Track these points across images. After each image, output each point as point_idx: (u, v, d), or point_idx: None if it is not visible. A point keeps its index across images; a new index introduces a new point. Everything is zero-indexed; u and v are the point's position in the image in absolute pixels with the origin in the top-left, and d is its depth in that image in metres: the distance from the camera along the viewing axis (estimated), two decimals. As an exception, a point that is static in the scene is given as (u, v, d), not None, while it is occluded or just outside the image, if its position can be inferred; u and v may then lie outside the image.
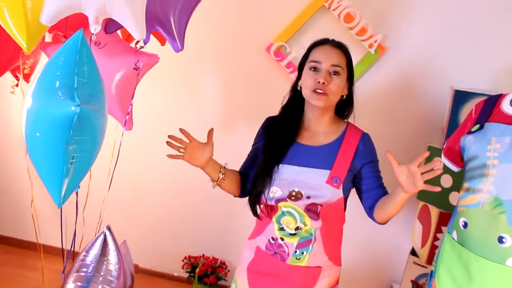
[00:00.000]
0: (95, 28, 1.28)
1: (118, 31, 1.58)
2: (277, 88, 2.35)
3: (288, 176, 1.42)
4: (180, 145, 1.40)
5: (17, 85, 1.76)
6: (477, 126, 1.27)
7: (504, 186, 1.18)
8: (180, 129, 1.42)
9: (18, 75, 1.60)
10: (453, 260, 1.27)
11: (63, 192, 1.45)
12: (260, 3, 2.34)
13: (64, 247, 1.71)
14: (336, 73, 1.41)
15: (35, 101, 1.23)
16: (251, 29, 2.39)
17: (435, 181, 1.96)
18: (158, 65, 1.82)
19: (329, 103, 1.42)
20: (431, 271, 1.39)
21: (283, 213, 1.45)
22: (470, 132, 1.29)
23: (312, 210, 1.42)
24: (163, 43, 1.74)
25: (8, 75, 1.74)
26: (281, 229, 1.46)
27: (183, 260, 2.56)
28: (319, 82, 1.38)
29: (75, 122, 1.25)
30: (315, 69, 1.42)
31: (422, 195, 2.06)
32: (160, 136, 2.47)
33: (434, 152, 2.00)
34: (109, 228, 1.53)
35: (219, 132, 2.51)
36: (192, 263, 2.53)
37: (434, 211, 1.99)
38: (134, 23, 1.24)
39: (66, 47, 1.20)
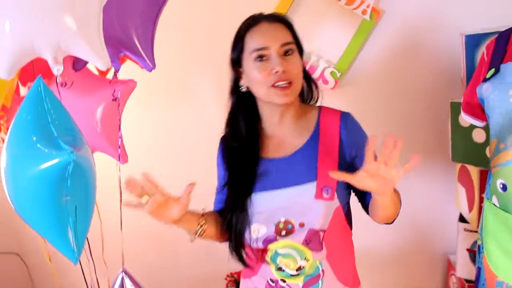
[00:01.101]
0: (57, 69, 1.19)
1: (93, 67, 1.51)
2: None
3: (266, 207, 1.13)
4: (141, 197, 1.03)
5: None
6: (492, 70, 1.09)
7: None
8: (143, 173, 1.04)
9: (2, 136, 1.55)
10: (500, 229, 1.09)
11: (75, 247, 1.38)
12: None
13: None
14: (289, 52, 1.13)
15: (13, 163, 1.15)
16: (237, 24, 2.27)
17: (467, 137, 1.78)
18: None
19: (296, 94, 1.14)
20: (478, 246, 1.22)
21: (277, 253, 1.18)
22: (485, 80, 1.12)
23: (314, 241, 1.14)
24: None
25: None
26: (279, 269, 1.18)
27: (226, 279, 2.47)
28: (276, 72, 1.08)
29: (72, 170, 1.18)
30: (262, 58, 1.11)
31: (456, 156, 1.89)
32: (179, 153, 2.42)
33: (459, 108, 1.82)
34: (124, 271, 1.46)
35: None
36: (235, 280, 2.44)
37: (473, 171, 1.81)
38: (93, 53, 1.15)
39: (29, 99, 1.12)
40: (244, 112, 1.20)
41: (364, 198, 1.20)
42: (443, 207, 2.20)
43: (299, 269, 1.16)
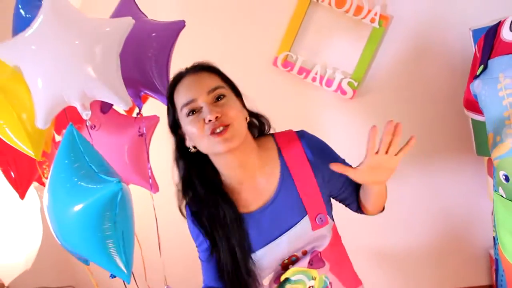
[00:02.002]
0: (86, 114, 1.33)
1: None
2: (296, 97, 2.30)
3: (270, 259, 1.12)
4: None
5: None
6: (481, 67, 1.13)
7: None
8: None
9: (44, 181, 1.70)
10: (510, 219, 1.11)
11: (124, 269, 1.48)
12: (251, 22, 2.32)
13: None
14: (220, 97, 1.07)
15: (56, 203, 1.28)
16: (251, 49, 2.35)
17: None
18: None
19: (240, 137, 1.06)
20: (493, 238, 1.23)
21: (288, 280, 1.16)
22: (476, 77, 1.15)
23: (315, 260, 1.15)
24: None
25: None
26: None
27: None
28: (210, 120, 1.03)
29: (120, 198, 1.27)
30: (193, 112, 1.07)
31: (481, 150, 1.89)
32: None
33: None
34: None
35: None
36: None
37: (500, 163, 1.80)
38: (115, 96, 1.28)
39: (64, 144, 1.25)
40: (197, 172, 1.16)
41: (349, 204, 1.24)
42: (476, 202, 2.19)
43: None
